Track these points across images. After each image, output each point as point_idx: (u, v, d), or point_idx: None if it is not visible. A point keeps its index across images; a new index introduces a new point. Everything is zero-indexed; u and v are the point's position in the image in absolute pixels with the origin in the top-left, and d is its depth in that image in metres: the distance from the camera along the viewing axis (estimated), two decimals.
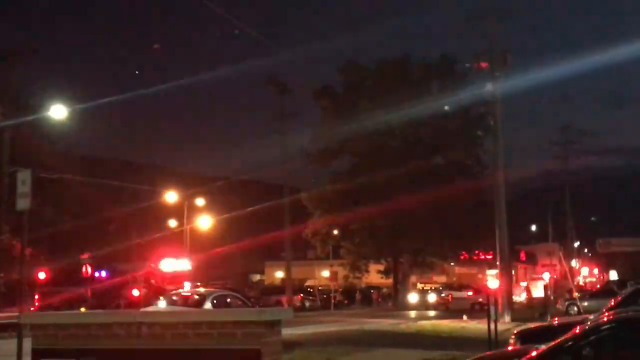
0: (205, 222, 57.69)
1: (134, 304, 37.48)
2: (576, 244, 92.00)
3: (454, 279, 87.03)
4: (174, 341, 5.44)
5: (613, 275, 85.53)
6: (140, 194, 56.94)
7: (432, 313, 42.46)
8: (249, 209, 53.62)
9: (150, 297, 36.06)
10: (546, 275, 49.11)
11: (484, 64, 36.99)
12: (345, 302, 56.37)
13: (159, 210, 59.15)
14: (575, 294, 50.52)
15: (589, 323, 6.89)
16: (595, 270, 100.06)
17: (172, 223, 59.61)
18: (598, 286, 57.65)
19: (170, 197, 54.14)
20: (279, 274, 71.91)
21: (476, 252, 62.25)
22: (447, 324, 29.66)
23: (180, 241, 55.83)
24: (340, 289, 57.07)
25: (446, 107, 49.81)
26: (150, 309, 18.84)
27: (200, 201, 57.44)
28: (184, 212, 55.14)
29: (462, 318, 33.30)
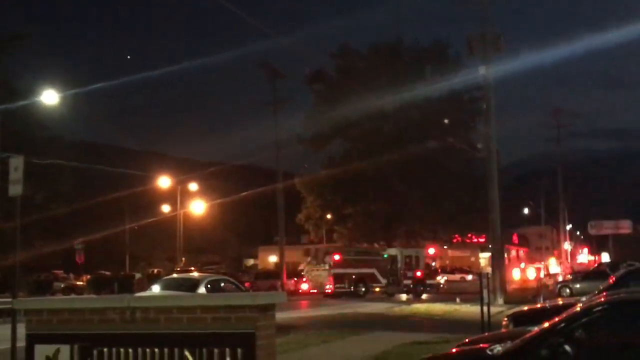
0: (198, 207, 57.63)
1: None
2: (568, 227, 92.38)
3: (447, 262, 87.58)
4: (168, 326, 5.45)
5: (605, 257, 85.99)
6: (133, 179, 56.85)
7: (424, 296, 42.65)
8: (243, 194, 53.59)
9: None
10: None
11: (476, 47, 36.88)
12: None
13: (152, 195, 59.12)
14: (568, 276, 50.90)
15: (581, 305, 6.93)
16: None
17: (166, 208, 59.57)
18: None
19: (164, 182, 54.04)
20: (273, 259, 72.05)
21: (469, 235, 62.57)
22: (440, 307, 29.79)
23: (175, 226, 55.84)
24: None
25: (441, 92, 49.81)
26: (143, 293, 18.85)
27: (193, 186, 57.36)
28: (177, 197, 55.09)
29: (455, 301, 33.45)
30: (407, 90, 50.17)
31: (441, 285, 49.03)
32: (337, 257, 41.78)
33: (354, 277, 41.07)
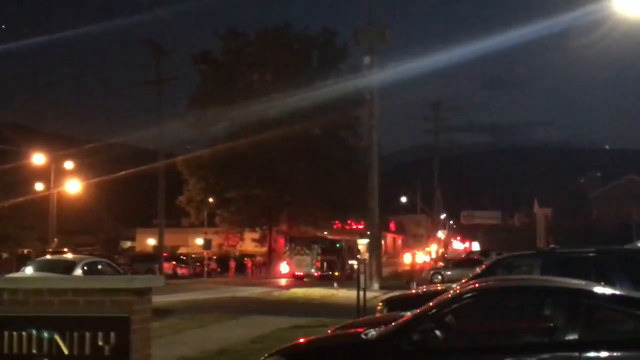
0: (73, 186, 55.40)
1: None
2: (443, 216, 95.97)
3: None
4: (38, 309, 5.25)
5: (475, 245, 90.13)
6: (3, 154, 53.96)
7: (305, 280, 43.22)
8: (120, 173, 51.99)
9: None
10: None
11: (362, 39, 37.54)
12: (219, 270, 56.24)
13: (23, 172, 56.29)
14: (440, 264, 53.02)
15: (451, 292, 7.22)
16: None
17: (38, 186, 56.89)
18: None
19: (37, 159, 51.55)
20: (151, 241, 70.62)
21: (348, 221, 63.79)
22: (318, 292, 30.28)
23: (47, 205, 53.48)
24: (214, 257, 56.83)
25: (327, 80, 50.33)
26: (14, 275, 18.00)
27: (69, 164, 55.07)
28: (50, 174, 52.74)
29: (333, 286, 34.08)
30: (294, 76, 50.36)
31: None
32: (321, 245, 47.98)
33: (327, 262, 46.91)
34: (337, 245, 49.37)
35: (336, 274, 45.92)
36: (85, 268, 18.50)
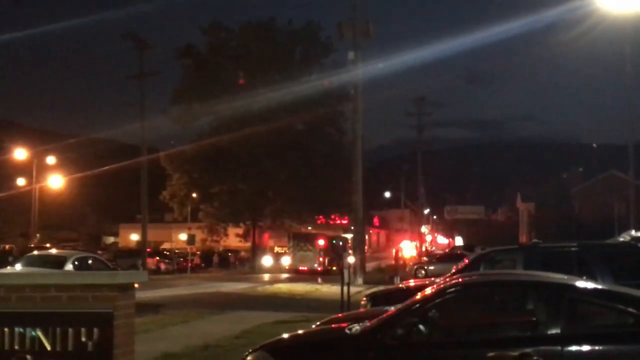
0: (56, 182, 55.03)
1: None
2: (426, 211, 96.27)
3: None
4: (20, 305, 5.21)
5: (459, 240, 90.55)
6: None
7: (286, 276, 43.22)
8: (103, 168, 51.67)
9: None
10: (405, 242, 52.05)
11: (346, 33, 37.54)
12: (203, 265, 56.11)
13: (6, 167, 55.86)
14: (424, 258, 53.25)
15: (435, 286, 7.25)
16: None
17: (20, 181, 56.45)
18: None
19: (19, 153, 51.11)
20: (134, 237, 70.30)
21: (332, 216, 63.88)
22: (302, 287, 30.28)
23: (29, 200, 53.10)
24: (198, 252, 56.67)
25: (311, 75, 50.28)
26: (2, 270, 17.91)
27: (51, 159, 54.67)
28: (32, 169, 52.35)
29: (316, 281, 34.12)
30: (278, 71, 50.25)
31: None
32: (323, 241, 49.63)
33: (328, 258, 48.83)
34: (334, 241, 50.73)
35: (333, 268, 46.95)
36: (75, 263, 18.43)
